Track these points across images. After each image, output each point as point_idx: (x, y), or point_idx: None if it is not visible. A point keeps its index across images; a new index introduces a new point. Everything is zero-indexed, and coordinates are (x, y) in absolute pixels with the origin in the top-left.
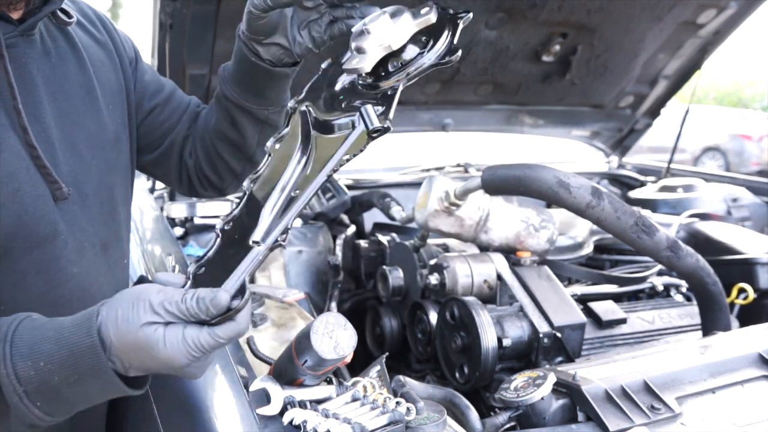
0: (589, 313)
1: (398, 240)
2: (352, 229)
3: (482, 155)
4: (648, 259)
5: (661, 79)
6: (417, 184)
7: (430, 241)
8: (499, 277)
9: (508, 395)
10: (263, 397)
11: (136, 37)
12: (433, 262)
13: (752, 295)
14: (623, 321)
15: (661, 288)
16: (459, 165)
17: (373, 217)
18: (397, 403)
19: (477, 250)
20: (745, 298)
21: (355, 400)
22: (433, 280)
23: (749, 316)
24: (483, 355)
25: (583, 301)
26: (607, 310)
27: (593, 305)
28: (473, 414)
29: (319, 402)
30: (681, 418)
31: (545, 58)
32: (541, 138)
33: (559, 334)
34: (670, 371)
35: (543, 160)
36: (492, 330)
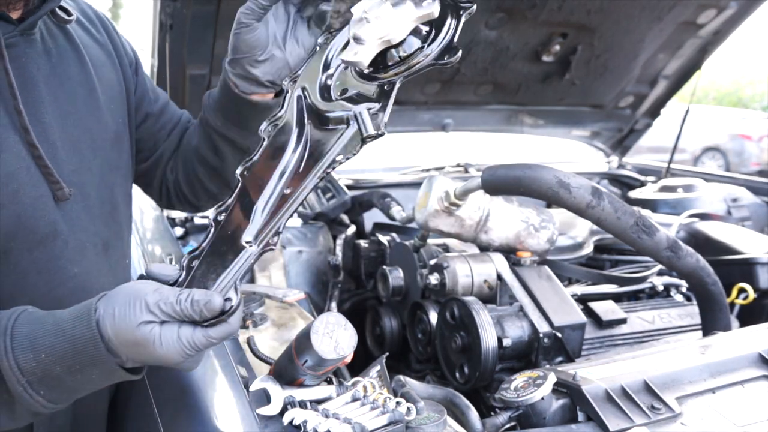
0: (589, 313)
1: (398, 240)
2: (352, 229)
3: (482, 155)
4: (648, 259)
5: (661, 79)
6: (417, 184)
7: (430, 241)
8: (499, 277)
9: (508, 395)
10: (263, 397)
11: (136, 37)
12: (433, 262)
13: (752, 295)
14: (623, 321)
15: (661, 288)
16: (459, 165)
17: (373, 217)
18: (397, 403)
19: (477, 250)
20: (745, 298)
21: (355, 400)
22: (433, 280)
23: (749, 316)
24: (483, 355)
25: (583, 301)
26: (607, 310)
27: (593, 305)
28: (473, 414)
29: (319, 402)
30: (681, 418)
31: (545, 58)
32: (541, 138)
33: (559, 334)
34: (670, 371)
35: (543, 160)
36: (492, 330)
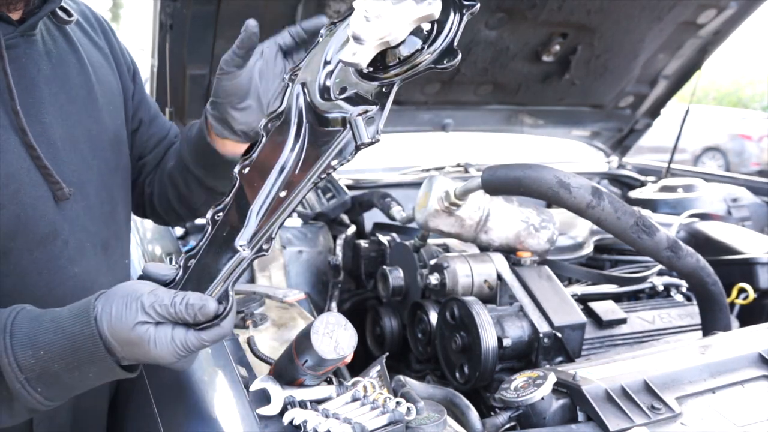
0: (589, 313)
1: (398, 240)
2: (352, 229)
3: (482, 155)
4: (648, 259)
5: (661, 79)
6: (417, 184)
7: (430, 241)
8: (499, 277)
9: (508, 395)
10: (263, 397)
11: (136, 37)
12: (433, 262)
13: (752, 295)
14: (623, 321)
15: (661, 288)
16: (459, 165)
17: (373, 217)
18: (397, 403)
19: (477, 250)
20: (745, 298)
21: (355, 400)
22: (433, 280)
23: (749, 316)
24: (483, 355)
25: (583, 301)
26: (607, 310)
27: (593, 305)
28: (473, 414)
29: (320, 402)
30: (681, 418)
31: (545, 58)
32: (541, 138)
33: (559, 334)
34: (670, 371)
35: (543, 160)
36: (492, 330)
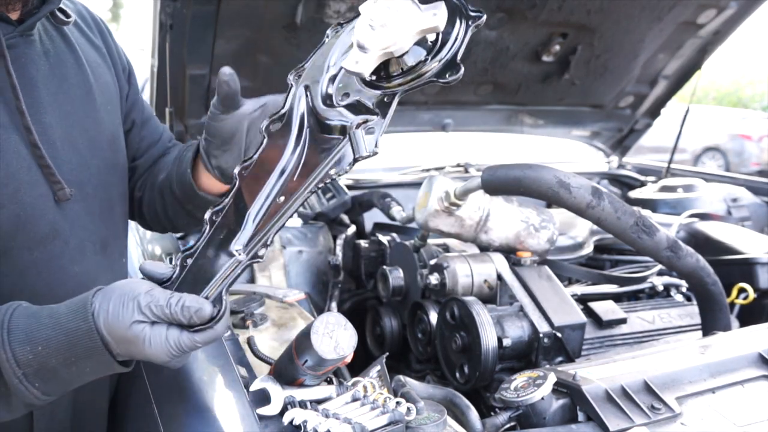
0: (589, 313)
1: (398, 240)
2: (352, 229)
3: (482, 155)
4: (648, 259)
5: (661, 79)
6: (417, 184)
7: (430, 241)
8: (499, 277)
9: (508, 395)
10: (263, 397)
11: (136, 37)
12: (433, 262)
13: (752, 295)
14: (623, 321)
15: (661, 288)
16: (459, 165)
17: (373, 217)
18: (397, 403)
19: (477, 250)
20: (745, 298)
21: (355, 400)
22: (433, 280)
23: (749, 316)
24: (483, 355)
25: (583, 301)
26: (607, 310)
27: (593, 305)
28: (473, 414)
29: (320, 402)
30: (681, 418)
31: (545, 58)
32: (541, 138)
33: (559, 334)
34: (670, 371)
35: (543, 160)
36: (492, 330)
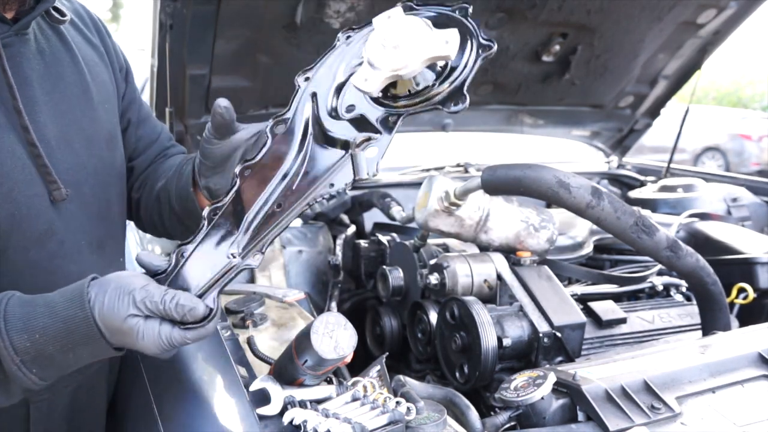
0: (589, 312)
1: (398, 240)
2: (352, 229)
3: (482, 155)
4: (648, 258)
5: (661, 79)
6: (417, 184)
7: (430, 241)
8: (499, 277)
9: (508, 395)
10: (263, 397)
11: (136, 37)
12: (433, 262)
13: (752, 295)
14: (623, 321)
15: (661, 288)
16: (459, 165)
17: (373, 217)
18: (397, 403)
19: (477, 250)
20: (745, 298)
21: (355, 399)
22: (433, 279)
23: (749, 316)
24: (483, 355)
25: (583, 300)
26: (607, 309)
27: (593, 305)
28: (473, 414)
29: (319, 402)
30: (681, 418)
31: (545, 58)
32: (541, 138)
33: (559, 334)
34: (670, 371)
35: (543, 160)
36: (492, 330)
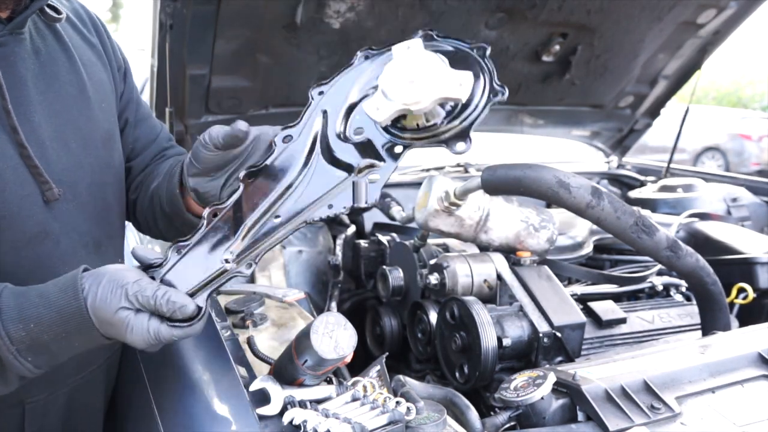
0: (589, 312)
1: (398, 240)
2: (352, 229)
3: (482, 155)
4: (648, 258)
5: (661, 79)
6: (417, 184)
7: (430, 241)
8: (499, 277)
9: (508, 395)
10: (263, 397)
11: (136, 37)
12: (433, 262)
13: (752, 295)
14: (623, 321)
15: (661, 288)
16: (459, 165)
17: (373, 217)
18: (397, 403)
19: (477, 250)
20: (745, 298)
21: (355, 399)
22: (433, 279)
23: (749, 316)
24: (483, 355)
25: (583, 300)
26: (606, 309)
27: (593, 305)
28: (473, 414)
29: (319, 402)
30: (681, 418)
31: (545, 58)
32: (541, 138)
33: (559, 334)
34: (670, 371)
35: (543, 160)
36: (492, 330)
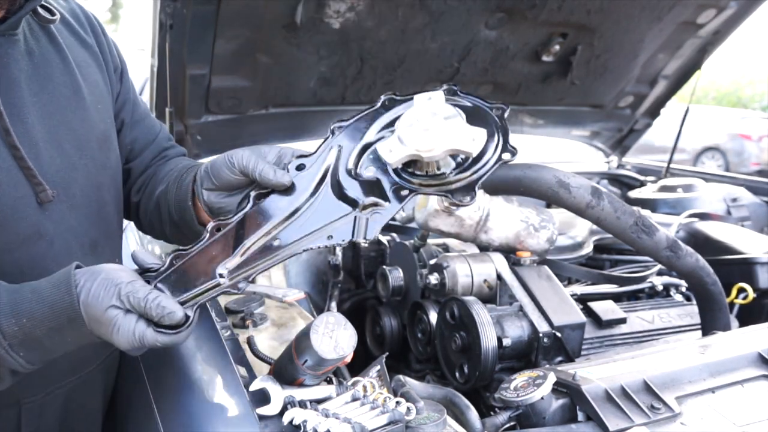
0: (589, 312)
1: (398, 240)
2: None
3: None
4: (648, 258)
5: (661, 79)
6: None
7: (430, 241)
8: (499, 277)
9: (508, 395)
10: (263, 397)
11: (136, 37)
12: (433, 262)
13: (752, 295)
14: (623, 321)
15: (661, 288)
16: None
17: None
18: (397, 403)
19: (477, 250)
20: (745, 298)
21: (355, 399)
22: (433, 279)
23: (749, 316)
24: (483, 355)
25: (583, 300)
26: (606, 309)
27: (593, 305)
28: (473, 414)
29: (319, 402)
30: (681, 418)
31: (545, 58)
32: (541, 138)
33: (559, 334)
34: (670, 371)
35: (543, 160)
36: (492, 330)
